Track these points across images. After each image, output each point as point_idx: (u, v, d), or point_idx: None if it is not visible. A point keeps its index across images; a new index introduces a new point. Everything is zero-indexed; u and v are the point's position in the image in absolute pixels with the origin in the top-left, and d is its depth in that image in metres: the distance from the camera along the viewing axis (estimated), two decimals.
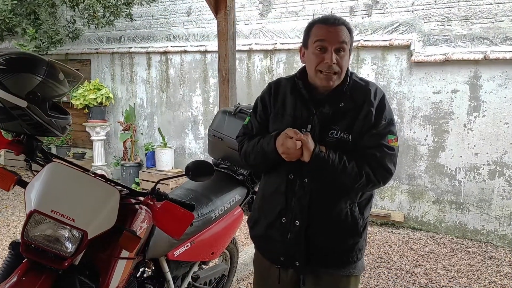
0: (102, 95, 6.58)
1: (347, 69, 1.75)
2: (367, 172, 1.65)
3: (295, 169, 1.71)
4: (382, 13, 4.98)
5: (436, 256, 4.17)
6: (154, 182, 1.91)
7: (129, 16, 6.10)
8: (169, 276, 2.29)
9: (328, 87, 1.71)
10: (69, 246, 1.61)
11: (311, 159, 1.62)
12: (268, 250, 1.89)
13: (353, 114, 1.69)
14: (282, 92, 1.82)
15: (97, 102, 6.57)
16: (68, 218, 1.58)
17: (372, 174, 1.65)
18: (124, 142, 6.54)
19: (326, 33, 1.66)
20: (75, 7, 5.55)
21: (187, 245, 2.36)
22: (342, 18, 1.71)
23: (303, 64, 1.79)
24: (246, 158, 1.88)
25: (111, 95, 6.77)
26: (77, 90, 6.60)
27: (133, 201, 1.91)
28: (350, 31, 1.70)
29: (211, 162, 2.85)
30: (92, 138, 6.84)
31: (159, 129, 6.43)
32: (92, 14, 5.70)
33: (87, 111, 6.72)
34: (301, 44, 1.80)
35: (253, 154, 1.82)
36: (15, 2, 5.27)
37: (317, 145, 1.63)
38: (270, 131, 1.81)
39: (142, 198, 1.89)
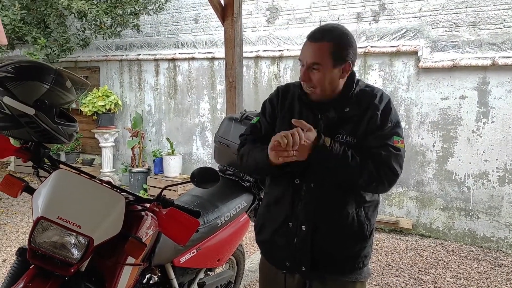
0: (110, 101, 6.62)
1: (353, 75, 1.75)
2: (370, 169, 1.63)
3: (301, 174, 1.71)
4: (389, 19, 4.97)
5: (445, 263, 4.13)
6: (162, 188, 1.92)
7: (136, 28, 6.15)
8: (175, 282, 2.29)
9: (315, 98, 1.73)
10: (75, 253, 1.62)
11: (314, 150, 1.60)
12: (274, 255, 1.88)
13: (358, 118, 1.69)
14: (289, 97, 1.84)
15: (105, 108, 6.62)
16: (74, 224, 1.59)
17: (376, 172, 1.63)
18: (132, 149, 6.58)
19: (304, 51, 1.71)
20: (83, 17, 5.61)
21: (193, 252, 2.36)
22: (327, 33, 1.67)
23: None
24: (242, 158, 1.86)
25: (119, 102, 6.82)
26: (86, 97, 6.65)
27: (139, 207, 1.92)
28: (338, 45, 1.66)
29: (218, 169, 2.86)
30: (101, 144, 6.89)
31: (167, 138, 6.45)
32: (99, 25, 5.76)
33: (96, 117, 6.77)
34: None
35: (247, 156, 1.82)
36: (25, 12, 5.34)
37: (322, 137, 1.62)
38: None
39: (148, 205, 1.90)
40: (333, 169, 1.64)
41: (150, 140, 6.87)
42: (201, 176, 1.87)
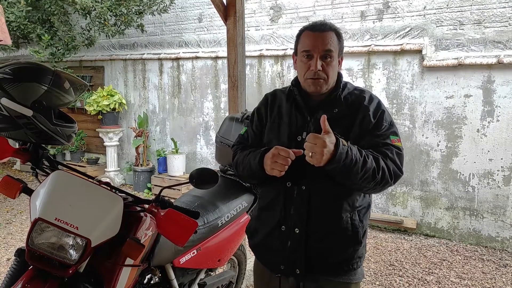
0: (115, 101, 6.65)
1: (340, 76, 1.75)
2: (383, 168, 1.58)
3: (293, 177, 1.68)
4: (393, 18, 4.93)
5: (449, 263, 4.10)
6: (161, 188, 1.92)
7: (140, 27, 6.15)
8: (175, 283, 2.29)
9: (317, 93, 1.71)
10: (73, 254, 1.62)
11: (335, 157, 1.48)
12: (268, 259, 1.87)
13: (348, 120, 1.68)
14: (278, 102, 1.84)
15: (110, 108, 6.65)
16: (72, 226, 1.59)
17: (387, 170, 1.60)
18: (136, 148, 6.60)
19: (312, 41, 1.67)
20: (87, 15, 5.62)
21: (193, 252, 2.36)
22: (330, 24, 1.71)
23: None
24: (237, 167, 1.88)
25: (124, 101, 6.84)
26: (91, 96, 6.68)
27: (138, 208, 1.92)
28: (339, 36, 1.71)
29: (219, 169, 2.85)
30: (106, 143, 6.92)
31: (172, 139, 6.46)
32: (103, 22, 5.76)
33: (101, 117, 6.79)
34: (293, 51, 1.81)
35: (242, 165, 1.83)
36: (30, 9, 5.36)
37: (339, 141, 1.50)
38: (265, 140, 1.82)
39: (147, 206, 1.90)
40: (352, 173, 1.54)
41: (154, 140, 6.89)
42: (200, 177, 1.86)
